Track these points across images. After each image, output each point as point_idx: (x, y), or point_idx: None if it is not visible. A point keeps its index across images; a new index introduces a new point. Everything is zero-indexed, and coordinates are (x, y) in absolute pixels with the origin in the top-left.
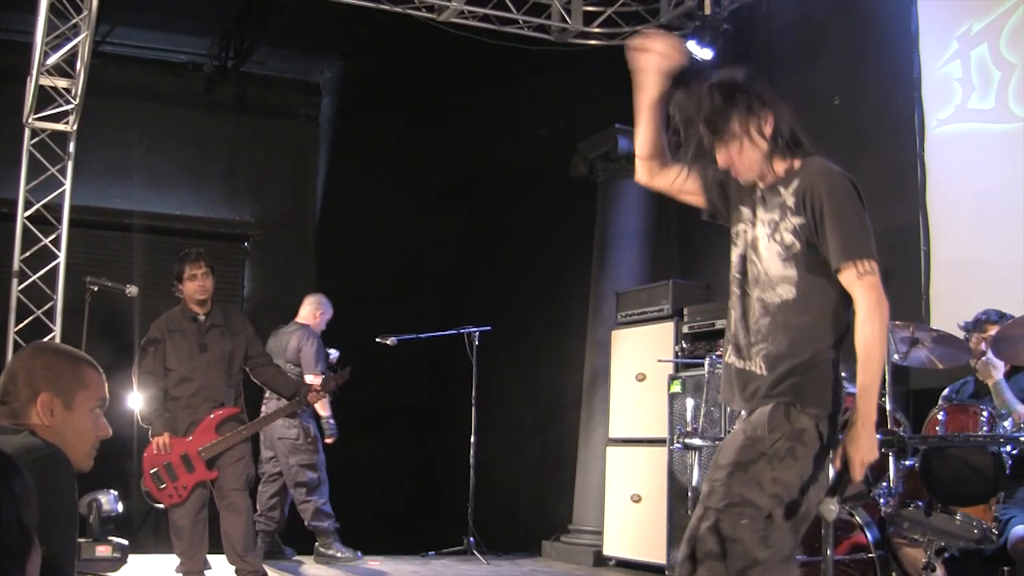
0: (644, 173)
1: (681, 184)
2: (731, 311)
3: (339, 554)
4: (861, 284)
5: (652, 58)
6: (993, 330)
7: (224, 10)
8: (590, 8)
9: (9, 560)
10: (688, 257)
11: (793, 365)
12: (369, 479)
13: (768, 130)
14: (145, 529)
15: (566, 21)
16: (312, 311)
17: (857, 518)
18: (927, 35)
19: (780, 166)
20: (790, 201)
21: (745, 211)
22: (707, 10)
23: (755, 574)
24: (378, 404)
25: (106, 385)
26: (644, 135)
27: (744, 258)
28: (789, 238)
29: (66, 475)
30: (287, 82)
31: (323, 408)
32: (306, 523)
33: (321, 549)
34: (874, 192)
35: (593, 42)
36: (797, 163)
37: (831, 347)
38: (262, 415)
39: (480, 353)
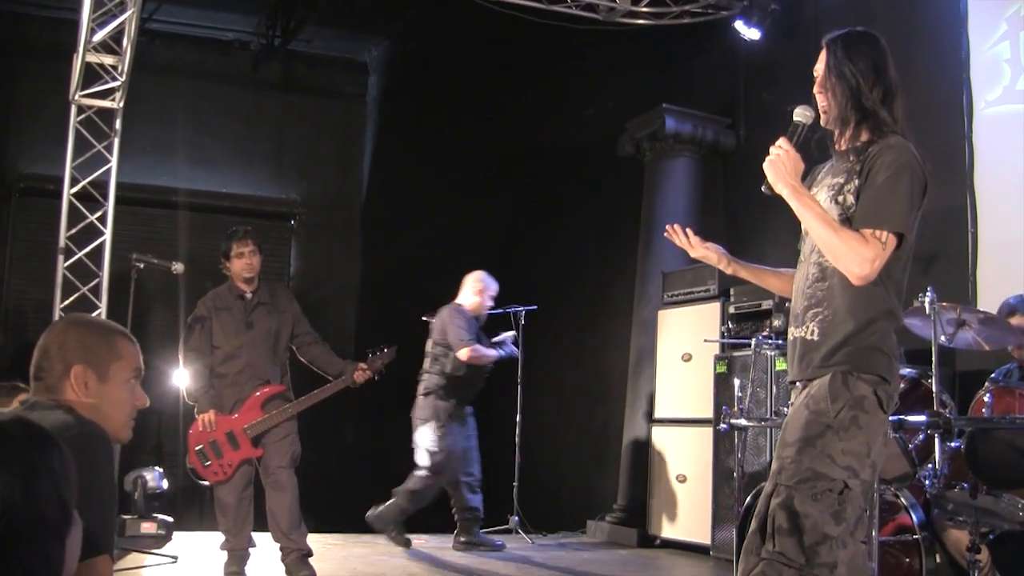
0: None
1: None
2: (796, 284)
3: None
4: (872, 244)
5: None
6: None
7: None
8: None
9: (49, 535)
10: (735, 236)
11: (848, 332)
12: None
13: (874, 95)
14: (190, 506)
15: (614, 0)
16: (469, 290)
17: (902, 499)
18: (976, 16)
19: (865, 135)
20: (857, 166)
21: (815, 188)
22: None
23: (825, 550)
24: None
25: (140, 355)
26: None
27: (804, 234)
28: (850, 200)
29: (104, 451)
30: (334, 61)
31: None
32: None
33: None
34: None
35: (641, 21)
36: (874, 136)
37: (886, 314)
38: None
39: (526, 332)
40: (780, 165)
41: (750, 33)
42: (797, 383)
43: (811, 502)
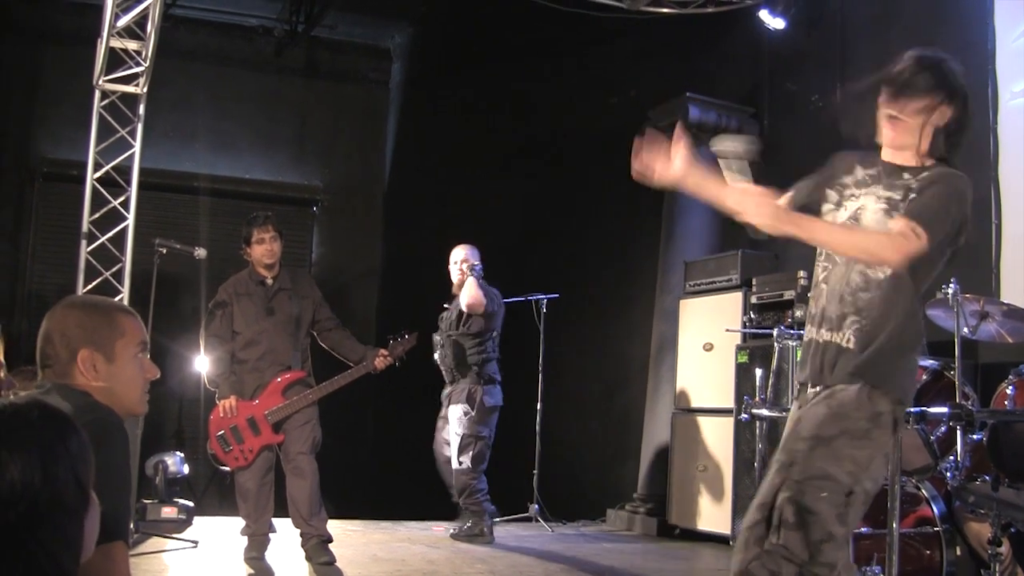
0: None
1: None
2: (821, 285)
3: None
4: (905, 233)
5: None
6: None
7: None
8: None
9: (67, 518)
10: None
11: (884, 347)
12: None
13: (940, 121)
14: (210, 491)
15: None
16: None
17: (923, 491)
18: (1002, 7)
19: (921, 159)
20: (915, 185)
21: (848, 183)
22: None
23: (829, 549)
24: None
25: (143, 327)
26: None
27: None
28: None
29: (119, 438)
30: (357, 47)
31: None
32: None
33: None
34: None
35: (665, 10)
36: (931, 162)
37: (913, 336)
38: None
39: (547, 320)
40: (757, 209)
41: (775, 23)
42: (815, 386)
43: (820, 500)
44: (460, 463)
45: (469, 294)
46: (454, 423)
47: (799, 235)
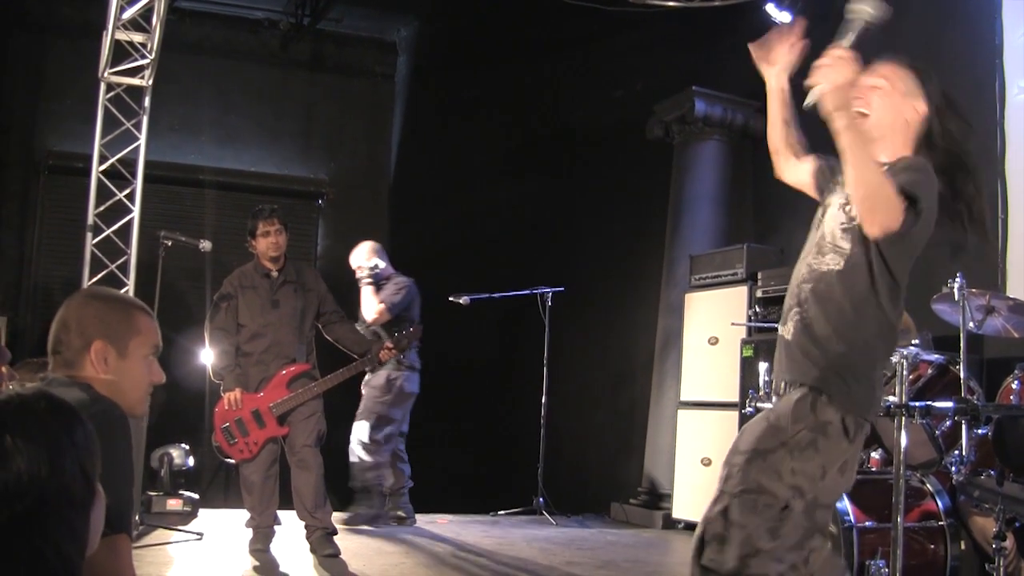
0: (776, 167)
1: (807, 180)
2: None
3: None
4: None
5: (770, 58)
6: None
7: None
8: None
9: (74, 509)
10: (763, 221)
11: (828, 347)
12: (440, 439)
13: (914, 116)
14: (216, 483)
15: None
16: None
17: (928, 486)
18: (1009, 2)
19: (889, 150)
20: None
21: (830, 188)
22: None
23: (756, 563)
24: (450, 363)
25: (159, 331)
26: (771, 128)
27: (814, 225)
28: (856, 211)
29: (122, 431)
30: (363, 40)
31: None
32: None
33: None
34: None
35: (670, 3)
36: (903, 159)
37: (869, 340)
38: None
39: (553, 314)
40: (838, 87)
41: (781, 16)
42: (782, 383)
43: (749, 513)
44: (365, 442)
45: (367, 308)
46: (368, 404)
47: (847, 148)
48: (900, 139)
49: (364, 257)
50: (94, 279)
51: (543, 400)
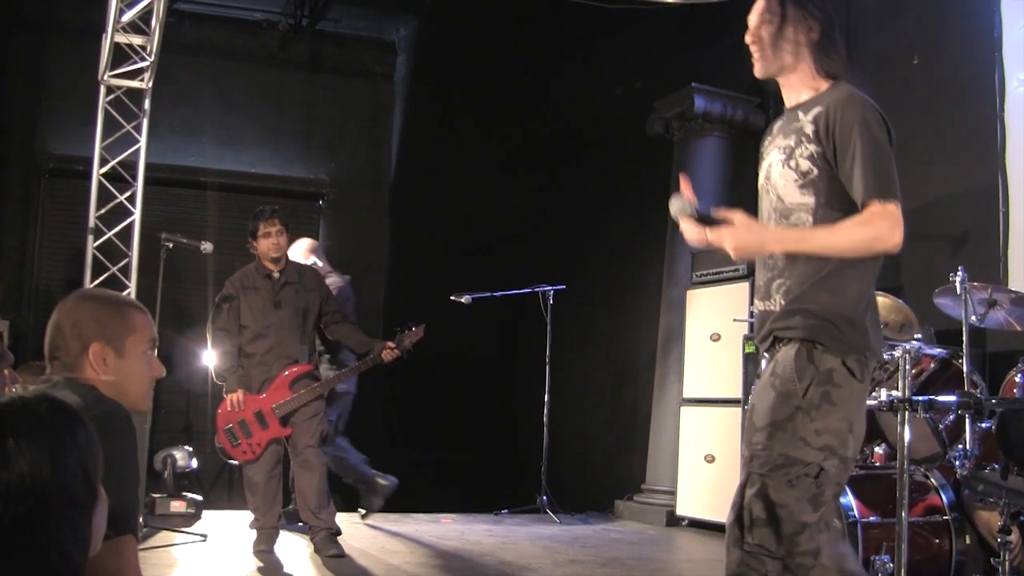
0: None
1: None
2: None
3: None
4: (884, 214)
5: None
6: None
7: None
8: None
9: (76, 510)
10: None
11: (813, 299)
12: (443, 438)
13: (812, 36)
14: (219, 485)
15: None
16: None
17: (932, 480)
18: None
19: (810, 84)
20: (808, 128)
21: (765, 144)
22: None
23: (805, 538)
24: (452, 363)
25: (153, 325)
26: None
27: (761, 192)
28: (806, 164)
29: (126, 432)
30: (362, 40)
31: None
32: None
33: None
34: (953, 153)
35: (669, 0)
36: (824, 86)
37: (852, 281)
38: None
39: (554, 312)
40: (746, 239)
41: None
42: (765, 354)
43: (787, 489)
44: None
45: None
46: None
47: (796, 252)
48: (807, 58)
49: (301, 256)
50: (96, 281)
51: (546, 399)
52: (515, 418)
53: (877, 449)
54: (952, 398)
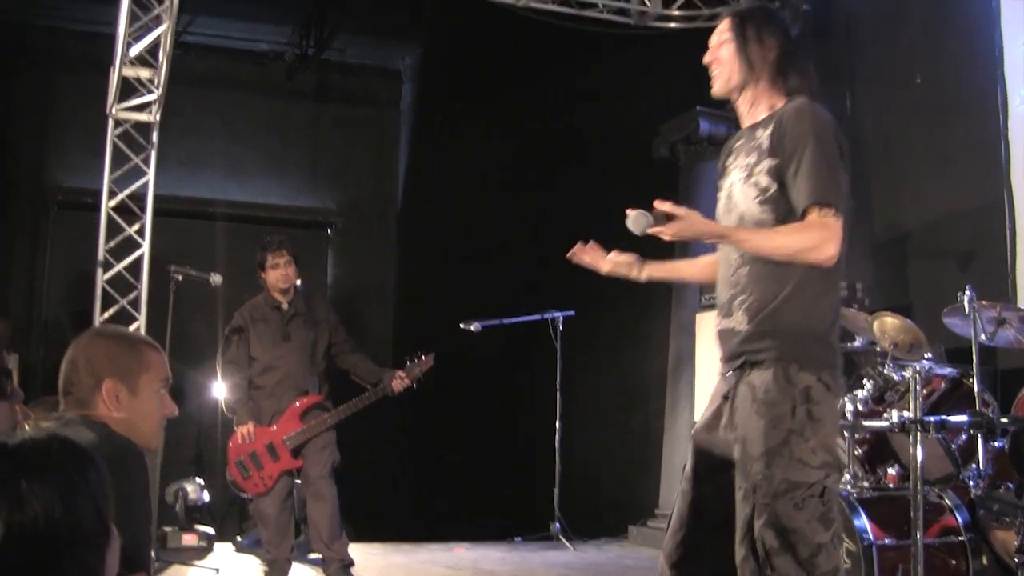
0: None
1: None
2: (719, 274)
3: None
4: (822, 224)
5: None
6: None
7: None
8: None
9: (89, 550)
10: None
11: (780, 320)
12: (454, 466)
13: (770, 56)
14: (231, 517)
15: (645, 4)
16: None
17: (947, 500)
18: (1008, 12)
19: (767, 102)
20: (765, 144)
21: (727, 164)
22: None
23: (823, 559)
24: (462, 391)
25: (167, 364)
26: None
27: (722, 212)
28: (765, 180)
29: (138, 468)
30: (367, 69)
31: None
32: None
33: None
34: (957, 171)
35: (673, 24)
36: (780, 103)
37: (818, 297)
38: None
39: (564, 337)
40: (689, 230)
41: None
42: (728, 374)
43: (796, 513)
44: None
45: None
46: None
47: (737, 247)
48: (765, 77)
49: None
50: (105, 314)
51: (557, 425)
52: (526, 445)
53: (890, 470)
54: (964, 418)
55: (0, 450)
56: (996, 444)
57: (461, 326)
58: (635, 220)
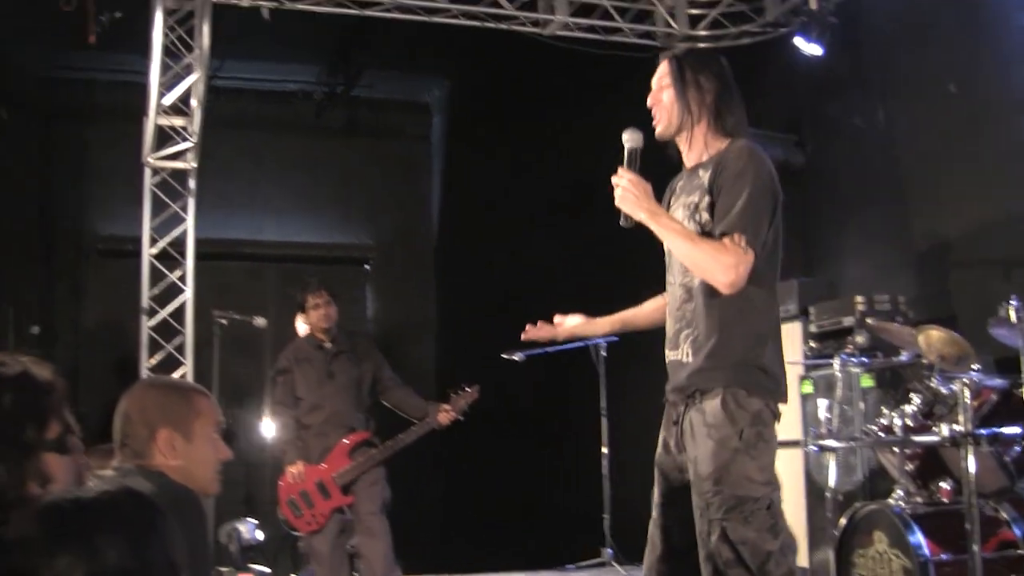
0: None
1: None
2: (668, 308)
3: None
4: (739, 252)
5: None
6: None
7: (330, 37)
8: (695, 11)
9: None
10: (811, 255)
11: (724, 354)
12: (502, 495)
13: (708, 99)
14: (283, 555)
15: (671, 26)
16: None
17: (1003, 514)
18: None
19: (712, 144)
20: (707, 183)
21: (671, 203)
22: (813, 5)
23: (773, 566)
24: (508, 420)
25: (218, 408)
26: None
27: (669, 252)
28: (706, 217)
29: (197, 515)
30: (396, 104)
31: None
32: None
33: None
34: (996, 178)
35: (700, 45)
36: (719, 144)
37: (758, 330)
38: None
39: (608, 364)
40: (631, 196)
41: (811, 49)
42: (676, 404)
43: (745, 526)
44: None
45: None
46: None
47: (657, 232)
48: (705, 119)
49: None
50: (152, 360)
51: (604, 450)
52: (573, 472)
53: (943, 485)
54: (1017, 430)
55: (75, 504)
56: None
57: (503, 356)
58: (633, 135)
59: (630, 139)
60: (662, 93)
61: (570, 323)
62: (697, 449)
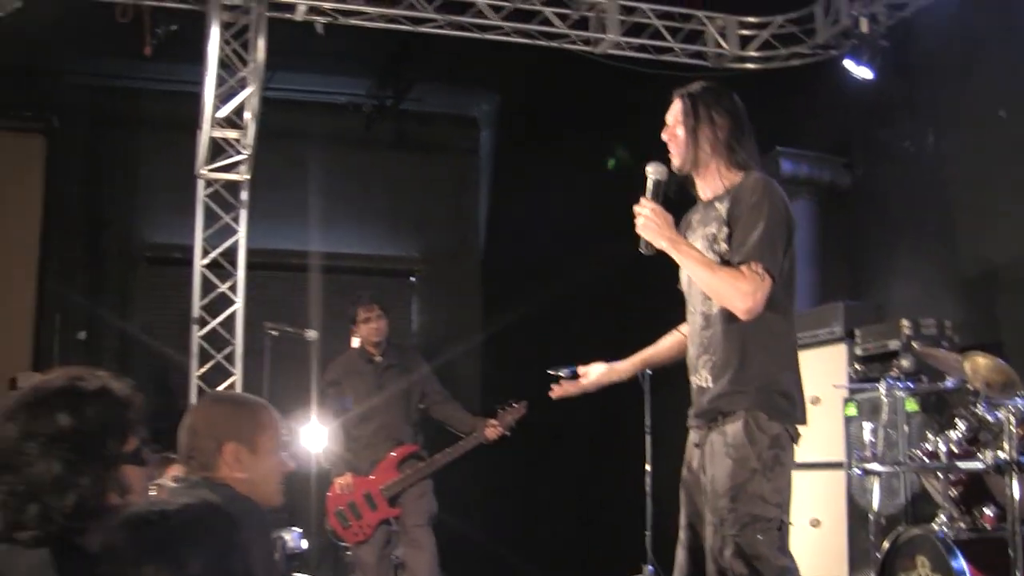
0: None
1: None
2: (689, 335)
3: None
4: (757, 280)
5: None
6: None
7: (380, 51)
8: (745, 32)
9: None
10: (858, 277)
11: (743, 379)
12: (546, 510)
13: (721, 134)
14: (325, 565)
15: (722, 46)
16: None
17: None
18: None
19: (727, 178)
20: (724, 213)
21: (687, 236)
22: (864, 28)
23: None
24: (553, 436)
25: (281, 423)
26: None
27: (689, 278)
28: (725, 247)
29: (263, 526)
30: (445, 117)
31: None
32: None
33: None
34: None
35: (750, 66)
36: (738, 178)
37: (776, 355)
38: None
39: (653, 382)
40: (653, 224)
41: (861, 72)
42: (700, 427)
43: (759, 542)
44: None
45: None
46: None
47: (678, 260)
48: (720, 153)
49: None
50: (202, 370)
51: (647, 468)
52: (615, 490)
53: (987, 511)
54: None
55: (161, 516)
56: None
57: (550, 372)
58: (657, 168)
59: (654, 171)
60: (677, 128)
61: (594, 373)
62: (716, 468)
